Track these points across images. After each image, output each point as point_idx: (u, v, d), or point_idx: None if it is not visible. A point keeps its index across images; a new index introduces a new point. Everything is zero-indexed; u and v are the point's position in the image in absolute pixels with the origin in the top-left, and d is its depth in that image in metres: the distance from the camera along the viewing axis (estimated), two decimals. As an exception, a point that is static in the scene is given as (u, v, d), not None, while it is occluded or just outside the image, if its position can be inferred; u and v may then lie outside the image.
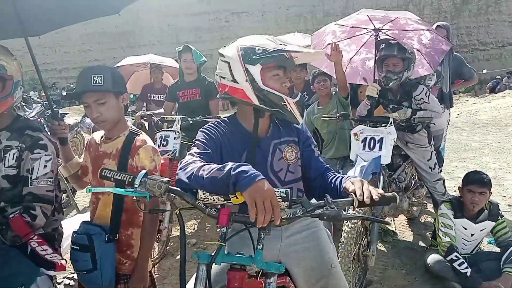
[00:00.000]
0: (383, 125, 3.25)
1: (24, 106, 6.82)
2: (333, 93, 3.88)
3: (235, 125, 1.58)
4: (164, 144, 3.68)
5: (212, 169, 1.24)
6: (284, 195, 1.21)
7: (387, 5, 26.35)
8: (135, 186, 1.26)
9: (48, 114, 5.48)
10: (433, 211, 3.99)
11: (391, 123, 3.21)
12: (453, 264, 2.83)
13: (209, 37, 27.06)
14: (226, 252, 1.27)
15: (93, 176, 1.87)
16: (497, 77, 19.44)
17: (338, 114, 3.52)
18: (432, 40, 3.70)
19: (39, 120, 5.39)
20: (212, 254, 1.23)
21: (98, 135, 1.91)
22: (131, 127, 1.89)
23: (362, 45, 3.98)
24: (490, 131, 9.34)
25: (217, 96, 1.60)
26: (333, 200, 1.31)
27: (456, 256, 2.84)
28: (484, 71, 17.33)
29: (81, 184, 2.05)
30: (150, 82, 5.81)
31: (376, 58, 3.39)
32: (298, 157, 1.63)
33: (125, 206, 1.79)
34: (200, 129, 1.56)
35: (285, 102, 1.50)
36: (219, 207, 1.27)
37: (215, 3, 26.88)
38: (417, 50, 3.66)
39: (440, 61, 4.62)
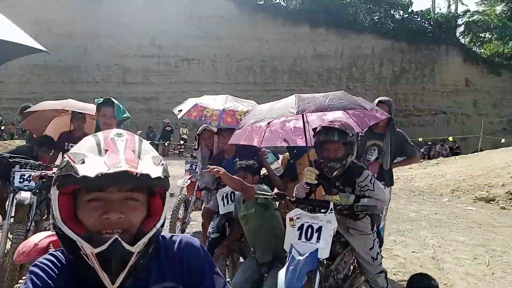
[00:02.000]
0: (322, 211, 2.88)
1: None
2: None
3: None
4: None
5: None
6: None
7: (332, 66, 27.61)
8: None
9: None
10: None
11: (331, 209, 2.85)
12: None
13: (157, 79, 26.61)
14: None
15: None
16: (428, 143, 20.54)
17: (273, 193, 3.12)
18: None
19: None
20: None
21: None
22: None
23: None
24: (426, 200, 9.42)
25: None
26: None
27: None
28: (420, 139, 18.28)
29: None
30: (69, 130, 5.17)
31: (315, 141, 3.05)
32: None
33: None
34: (29, 270, 1.02)
35: (81, 250, 0.93)
36: None
37: (166, 48, 26.61)
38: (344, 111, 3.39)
39: (383, 135, 4.48)
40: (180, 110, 4.57)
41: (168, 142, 18.59)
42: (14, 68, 24.02)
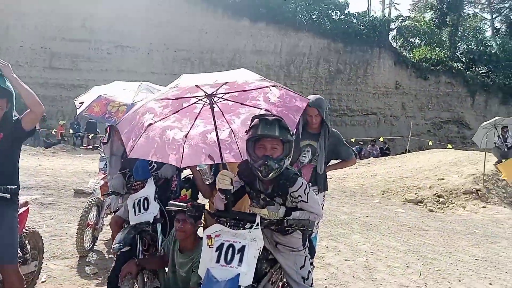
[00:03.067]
0: (247, 226, 2.43)
1: None
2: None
3: None
4: None
5: None
6: None
7: (271, 63, 27.50)
8: None
9: None
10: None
11: (257, 224, 2.40)
12: None
13: (86, 66, 24.70)
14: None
15: None
16: (360, 142, 21.15)
17: (188, 204, 2.62)
18: (282, 98, 2.83)
19: None
20: None
21: None
22: None
23: (197, 117, 3.00)
24: (358, 201, 9.41)
25: None
26: None
27: None
28: (353, 139, 18.67)
29: None
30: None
31: (248, 137, 2.55)
32: None
33: None
34: None
35: None
36: None
37: (98, 33, 24.78)
38: (266, 110, 2.82)
39: (317, 135, 4.11)
40: (82, 103, 3.77)
41: (93, 134, 17.24)
42: None
